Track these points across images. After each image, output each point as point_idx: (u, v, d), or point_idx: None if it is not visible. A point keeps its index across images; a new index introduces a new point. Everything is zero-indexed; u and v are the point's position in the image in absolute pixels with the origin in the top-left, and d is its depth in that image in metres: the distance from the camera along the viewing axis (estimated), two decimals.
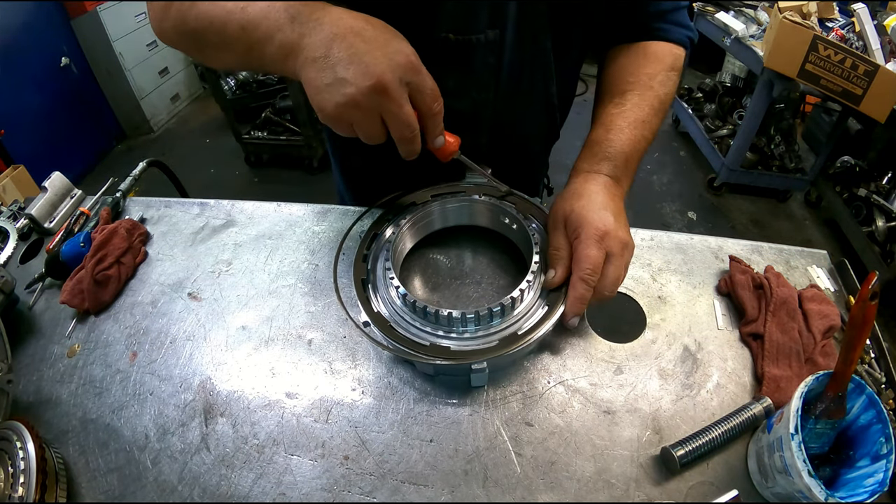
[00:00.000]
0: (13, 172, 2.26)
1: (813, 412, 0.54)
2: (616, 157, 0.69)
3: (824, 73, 2.13)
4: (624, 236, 0.63)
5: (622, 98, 0.74)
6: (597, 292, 0.61)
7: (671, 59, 0.77)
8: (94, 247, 0.81)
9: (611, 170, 0.69)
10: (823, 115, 3.10)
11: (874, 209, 2.40)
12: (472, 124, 0.78)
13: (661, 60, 0.76)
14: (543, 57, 0.74)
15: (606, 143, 0.70)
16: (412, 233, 0.75)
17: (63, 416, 0.66)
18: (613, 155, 0.69)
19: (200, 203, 0.95)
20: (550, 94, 0.80)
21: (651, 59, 0.76)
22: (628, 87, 0.74)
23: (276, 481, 0.58)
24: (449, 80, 0.72)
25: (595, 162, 0.70)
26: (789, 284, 0.70)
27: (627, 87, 0.74)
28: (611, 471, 0.57)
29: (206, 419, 0.64)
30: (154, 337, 0.74)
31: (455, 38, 0.67)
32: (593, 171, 0.70)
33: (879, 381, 0.65)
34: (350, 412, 0.63)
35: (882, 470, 0.48)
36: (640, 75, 0.75)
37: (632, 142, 0.70)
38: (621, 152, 0.69)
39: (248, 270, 0.81)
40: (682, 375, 0.65)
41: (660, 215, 2.88)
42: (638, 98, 0.73)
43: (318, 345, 0.70)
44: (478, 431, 0.61)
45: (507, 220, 0.74)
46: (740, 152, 2.73)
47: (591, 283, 0.61)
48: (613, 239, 0.62)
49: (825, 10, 2.31)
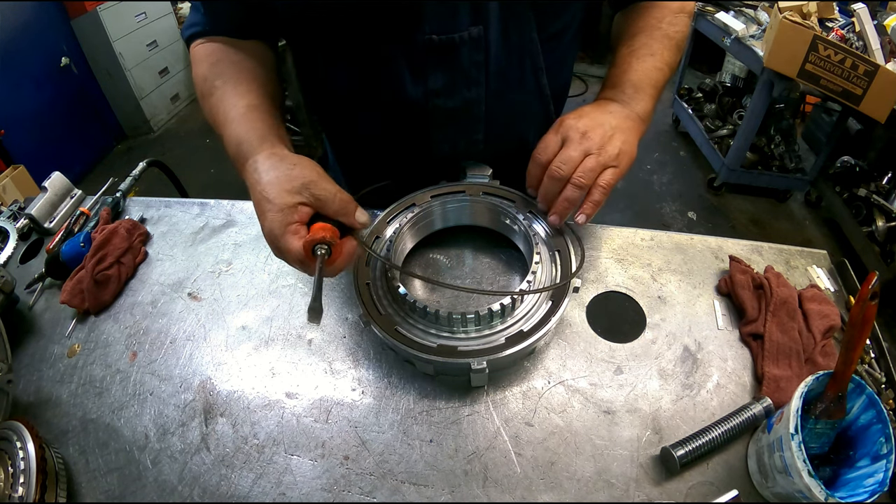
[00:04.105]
0: (13, 172, 2.26)
1: (813, 412, 0.54)
2: (621, 83, 0.74)
3: (824, 73, 2.12)
4: (585, 125, 0.67)
5: (631, 40, 0.78)
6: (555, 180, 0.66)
7: (677, 4, 0.79)
8: (94, 247, 0.81)
9: (613, 94, 0.74)
10: (823, 115, 3.10)
11: (874, 209, 2.40)
12: (466, 122, 0.78)
13: (667, 6, 0.79)
14: (531, 48, 0.74)
15: (612, 76, 0.76)
16: (412, 233, 0.75)
17: (63, 416, 0.66)
18: (617, 83, 0.74)
19: (200, 203, 0.95)
20: (542, 86, 0.80)
21: (656, 7, 0.79)
22: (636, 31, 0.78)
23: (276, 481, 0.58)
24: (438, 79, 0.72)
25: (601, 93, 0.76)
26: (789, 284, 0.70)
27: (636, 31, 0.78)
28: (611, 471, 0.57)
29: (206, 419, 0.64)
30: (154, 337, 0.74)
31: (439, 39, 0.68)
32: (596, 100, 0.75)
33: (879, 381, 0.65)
34: (350, 412, 0.63)
35: (882, 470, 0.48)
36: (647, 19, 0.78)
37: (641, 71, 0.74)
38: (626, 80, 0.74)
39: (248, 270, 0.81)
40: (682, 375, 0.65)
41: (660, 215, 2.87)
42: (646, 37, 0.77)
43: (318, 345, 0.70)
44: (478, 431, 0.61)
45: (508, 220, 0.74)
46: (740, 152, 2.72)
47: (538, 161, 0.67)
48: (570, 128, 0.67)
49: (825, 10, 2.30)
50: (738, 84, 3.18)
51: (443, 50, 0.69)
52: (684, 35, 0.79)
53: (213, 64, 0.73)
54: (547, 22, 0.73)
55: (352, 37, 0.70)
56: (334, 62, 0.75)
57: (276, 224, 0.57)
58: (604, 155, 0.65)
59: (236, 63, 0.73)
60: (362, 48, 0.71)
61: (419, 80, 0.72)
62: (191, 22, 0.77)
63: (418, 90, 0.73)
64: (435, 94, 0.73)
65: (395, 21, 0.66)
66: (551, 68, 0.79)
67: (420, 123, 0.77)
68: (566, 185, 0.65)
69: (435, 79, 0.72)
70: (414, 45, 0.68)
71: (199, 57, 0.75)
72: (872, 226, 2.38)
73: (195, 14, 0.76)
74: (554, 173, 0.65)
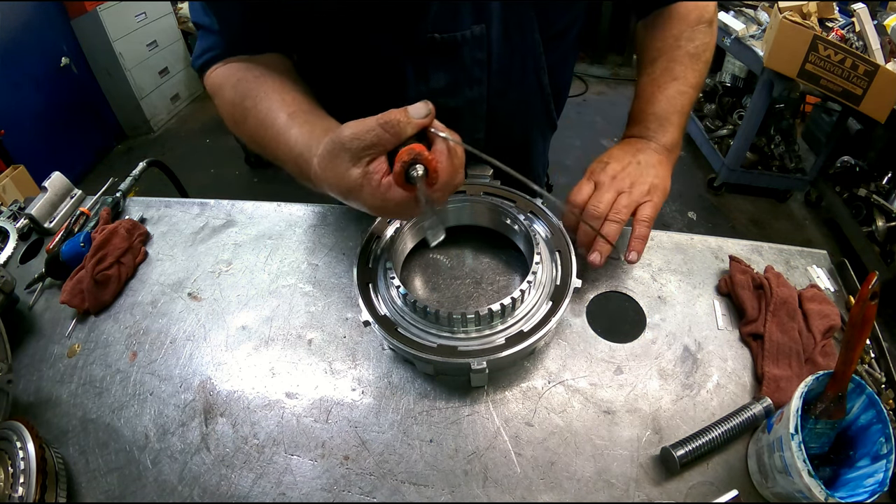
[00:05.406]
0: (13, 172, 2.27)
1: (813, 412, 0.54)
2: (644, 119, 0.75)
3: (824, 73, 2.12)
4: (614, 170, 0.69)
5: (652, 67, 0.77)
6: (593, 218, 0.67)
7: (695, 14, 0.78)
8: (94, 247, 0.81)
9: (639, 131, 0.75)
10: (823, 115, 3.10)
11: (874, 209, 2.40)
12: (468, 120, 0.78)
13: (685, 19, 0.78)
14: (533, 48, 0.74)
15: (636, 111, 0.77)
16: (413, 233, 0.75)
17: (63, 416, 0.66)
18: (641, 118, 0.75)
19: (200, 203, 0.95)
20: (544, 85, 0.80)
21: (675, 20, 0.78)
22: (656, 55, 0.78)
23: (276, 481, 0.58)
24: (440, 78, 0.72)
25: (626, 130, 0.77)
26: (789, 284, 0.70)
27: (656, 55, 0.78)
28: (611, 471, 0.57)
29: (206, 419, 0.64)
30: (154, 337, 0.74)
31: (441, 37, 0.68)
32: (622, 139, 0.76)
33: (879, 381, 0.65)
34: (350, 412, 0.63)
35: (882, 470, 0.48)
36: (665, 39, 0.77)
37: (664, 100, 0.74)
38: (650, 114, 0.74)
39: (248, 270, 0.81)
40: (682, 375, 0.65)
41: (660, 215, 2.84)
42: (666, 61, 0.76)
43: (318, 345, 0.70)
44: (478, 431, 0.61)
45: (508, 220, 0.74)
46: (740, 152, 2.72)
47: (574, 202, 0.69)
48: (599, 174, 0.70)
49: (825, 10, 2.30)
50: (738, 84, 3.18)
51: (445, 49, 0.69)
52: (707, 46, 0.77)
53: (235, 85, 0.69)
54: (549, 22, 0.73)
55: (353, 36, 0.70)
56: (336, 61, 0.75)
57: (371, 193, 0.52)
58: (636, 192, 0.68)
59: (259, 77, 0.69)
60: (364, 47, 0.71)
61: (421, 79, 0.72)
62: (202, 49, 0.74)
63: (420, 89, 0.73)
64: (437, 93, 0.73)
65: (398, 20, 0.66)
66: (553, 68, 0.79)
67: None
68: (603, 223, 0.67)
69: (437, 78, 0.72)
70: (416, 44, 0.68)
71: (218, 82, 0.72)
72: (872, 226, 2.38)
73: (206, 39, 0.73)
74: (590, 212, 0.67)
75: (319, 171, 0.55)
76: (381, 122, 0.51)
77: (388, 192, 0.51)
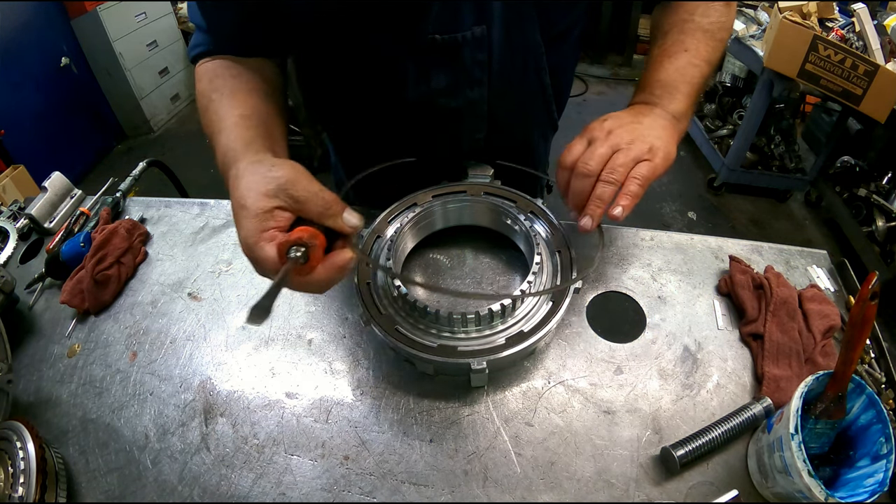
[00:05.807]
0: (13, 172, 2.26)
1: (813, 412, 0.54)
2: (650, 85, 0.70)
3: (824, 73, 2.12)
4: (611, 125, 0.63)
5: (663, 39, 0.74)
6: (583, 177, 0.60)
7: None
8: (94, 247, 0.81)
9: (643, 97, 0.70)
10: (823, 115, 3.10)
11: (874, 209, 2.40)
12: (469, 121, 0.78)
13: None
14: (534, 48, 0.74)
15: (642, 81, 0.72)
16: (413, 233, 0.75)
17: (63, 416, 0.66)
18: (646, 85, 0.71)
19: (200, 203, 0.95)
20: (545, 86, 0.80)
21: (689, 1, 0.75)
22: (668, 28, 0.74)
23: (276, 481, 0.58)
24: (441, 79, 0.72)
25: (632, 99, 0.72)
26: (789, 284, 0.70)
27: (668, 28, 0.74)
28: (611, 471, 0.57)
29: (206, 419, 0.64)
30: (154, 337, 0.74)
31: (442, 38, 0.68)
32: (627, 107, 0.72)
33: (879, 381, 0.65)
34: (350, 412, 0.63)
35: (882, 470, 0.48)
36: (679, 13, 0.74)
37: (672, 69, 0.70)
38: (656, 81, 0.70)
39: (248, 270, 0.81)
40: (682, 375, 0.65)
41: (660, 215, 2.87)
42: (678, 33, 0.73)
43: (318, 345, 0.70)
44: (478, 431, 0.61)
45: (509, 220, 0.74)
46: (740, 152, 2.72)
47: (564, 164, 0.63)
48: (594, 129, 0.63)
49: (825, 10, 2.30)
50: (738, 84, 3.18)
51: (446, 49, 0.69)
52: (722, 25, 0.73)
53: (211, 80, 0.70)
54: (551, 22, 0.73)
55: (354, 36, 0.70)
56: (337, 62, 0.75)
57: (251, 231, 0.50)
58: (634, 149, 0.60)
59: (235, 76, 0.70)
60: (365, 48, 0.71)
61: (422, 80, 0.72)
62: (195, 42, 0.75)
63: (421, 90, 0.73)
64: (438, 94, 0.73)
65: (399, 20, 0.66)
66: (554, 68, 0.79)
67: (422, 123, 0.77)
68: (596, 184, 0.60)
69: (438, 78, 0.72)
70: (417, 45, 0.68)
71: (199, 75, 0.73)
72: (872, 226, 2.38)
73: (199, 35, 0.75)
74: (581, 169, 0.60)
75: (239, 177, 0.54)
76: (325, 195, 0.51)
77: (266, 243, 0.49)
